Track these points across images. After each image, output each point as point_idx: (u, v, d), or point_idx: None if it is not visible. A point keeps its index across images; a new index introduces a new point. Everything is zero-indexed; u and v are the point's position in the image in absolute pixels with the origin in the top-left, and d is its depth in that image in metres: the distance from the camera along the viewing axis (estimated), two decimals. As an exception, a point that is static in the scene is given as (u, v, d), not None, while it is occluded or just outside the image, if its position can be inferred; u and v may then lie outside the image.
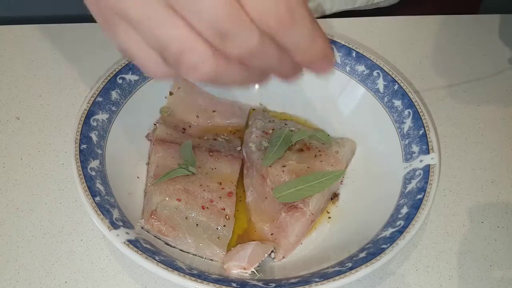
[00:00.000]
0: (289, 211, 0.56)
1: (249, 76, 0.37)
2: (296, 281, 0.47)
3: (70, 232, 0.56)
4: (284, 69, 0.37)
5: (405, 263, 0.55)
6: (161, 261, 0.46)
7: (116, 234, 0.48)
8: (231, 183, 0.58)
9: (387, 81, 0.62)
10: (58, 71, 0.72)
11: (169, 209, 0.54)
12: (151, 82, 0.63)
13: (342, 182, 0.61)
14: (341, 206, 0.60)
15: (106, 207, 0.50)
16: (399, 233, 0.49)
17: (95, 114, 0.57)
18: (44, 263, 0.54)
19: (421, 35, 0.80)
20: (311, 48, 0.35)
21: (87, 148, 0.54)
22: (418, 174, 0.54)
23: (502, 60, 0.77)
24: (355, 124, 0.64)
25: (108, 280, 0.53)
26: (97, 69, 0.72)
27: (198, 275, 0.46)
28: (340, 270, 0.47)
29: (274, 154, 0.59)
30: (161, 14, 0.33)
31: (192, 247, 0.53)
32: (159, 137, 0.61)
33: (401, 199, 0.53)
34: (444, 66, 0.76)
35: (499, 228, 0.58)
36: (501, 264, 0.55)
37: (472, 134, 0.67)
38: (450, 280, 0.54)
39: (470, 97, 0.72)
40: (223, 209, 0.56)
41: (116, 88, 0.60)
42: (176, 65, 0.34)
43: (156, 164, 0.58)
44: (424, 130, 0.57)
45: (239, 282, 0.47)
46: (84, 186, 0.51)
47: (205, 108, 0.66)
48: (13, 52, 0.74)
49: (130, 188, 0.57)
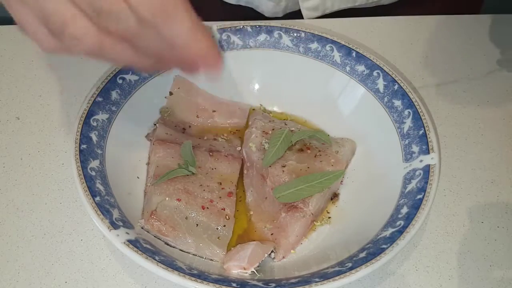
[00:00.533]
0: (289, 211, 0.56)
1: (136, 56, 0.40)
2: (296, 281, 0.47)
3: (70, 232, 0.56)
4: (175, 60, 0.42)
5: (405, 263, 0.55)
6: (161, 261, 0.46)
7: (116, 234, 0.48)
8: (231, 183, 0.59)
9: (387, 81, 0.62)
10: (58, 71, 0.72)
11: (169, 209, 0.54)
12: (151, 82, 0.63)
13: (342, 182, 0.61)
14: (341, 206, 0.60)
15: (106, 207, 0.50)
16: (399, 233, 0.49)
17: (95, 114, 0.57)
18: (44, 263, 0.54)
19: (421, 35, 0.80)
20: (193, 44, 0.39)
21: (87, 148, 0.54)
22: (418, 174, 0.54)
23: (503, 60, 0.77)
24: (355, 124, 0.64)
25: (108, 280, 0.53)
26: (97, 69, 0.72)
27: (198, 275, 0.46)
28: (340, 270, 0.47)
29: (274, 154, 0.59)
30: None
31: (192, 247, 0.53)
32: (159, 137, 0.61)
33: (401, 199, 0.53)
34: (444, 66, 0.76)
35: (499, 228, 0.58)
36: (501, 264, 0.55)
37: (472, 134, 0.67)
38: (450, 280, 0.54)
39: (470, 97, 0.72)
40: (223, 209, 0.56)
41: (116, 88, 0.60)
42: (61, 36, 0.38)
43: (156, 164, 0.58)
44: (424, 130, 0.57)
45: (239, 282, 0.47)
46: (84, 186, 0.51)
47: (205, 108, 0.66)
48: (13, 52, 0.74)
49: (130, 188, 0.57)
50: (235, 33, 0.66)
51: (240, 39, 0.67)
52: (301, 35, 0.66)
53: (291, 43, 0.66)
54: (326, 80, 0.66)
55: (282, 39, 0.66)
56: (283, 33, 0.66)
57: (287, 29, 0.66)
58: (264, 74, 0.68)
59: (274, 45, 0.67)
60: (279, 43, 0.66)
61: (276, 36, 0.66)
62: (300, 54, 0.66)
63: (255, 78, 0.69)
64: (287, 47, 0.66)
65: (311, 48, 0.66)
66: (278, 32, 0.66)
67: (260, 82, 0.69)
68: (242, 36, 0.67)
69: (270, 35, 0.66)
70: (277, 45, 0.67)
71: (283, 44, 0.66)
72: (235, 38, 0.66)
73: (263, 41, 0.67)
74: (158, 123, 0.63)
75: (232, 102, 0.68)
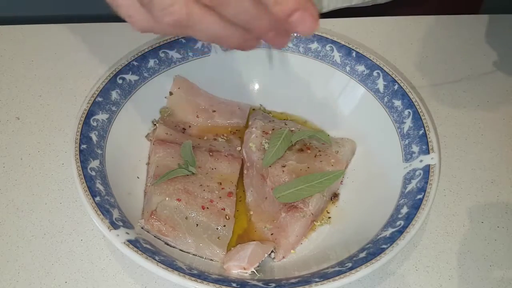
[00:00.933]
0: (289, 211, 0.56)
1: (225, 28, 0.39)
2: (296, 281, 0.47)
3: (70, 232, 0.56)
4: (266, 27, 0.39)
5: (405, 263, 0.55)
6: (161, 261, 0.46)
7: (116, 234, 0.48)
8: (231, 183, 0.59)
9: (387, 81, 0.62)
10: (58, 71, 0.72)
11: (169, 209, 0.54)
12: (151, 82, 0.63)
13: (342, 182, 0.61)
14: (341, 206, 0.60)
15: (106, 207, 0.50)
16: (399, 233, 0.49)
17: (95, 114, 0.57)
18: (44, 263, 0.54)
19: (421, 35, 0.80)
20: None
21: (87, 148, 0.54)
22: (418, 174, 0.54)
23: (502, 60, 0.77)
24: (355, 124, 0.64)
25: (108, 280, 0.53)
26: (97, 69, 0.72)
27: (198, 275, 0.46)
28: (340, 270, 0.47)
29: (274, 154, 0.59)
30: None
31: (192, 247, 0.53)
32: (159, 137, 0.61)
33: (401, 199, 0.53)
34: (444, 66, 0.76)
35: (499, 228, 0.58)
36: (501, 264, 0.55)
37: (472, 134, 0.67)
38: (450, 280, 0.54)
39: (470, 97, 0.72)
40: (223, 209, 0.56)
41: (116, 88, 0.60)
42: (151, 6, 0.37)
43: (156, 164, 0.58)
44: (424, 130, 0.57)
45: (239, 282, 0.47)
46: (84, 186, 0.51)
47: (205, 108, 0.66)
48: (13, 52, 0.74)
49: (130, 188, 0.57)
50: (235, 33, 0.66)
51: (240, 39, 0.67)
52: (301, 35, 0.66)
53: (291, 43, 0.66)
54: (326, 80, 0.66)
55: (282, 39, 0.66)
56: (283, 33, 0.66)
57: (287, 29, 0.66)
58: (264, 74, 0.68)
59: (274, 45, 0.67)
60: (279, 43, 0.66)
61: (276, 36, 0.66)
62: (300, 54, 0.66)
63: (255, 78, 0.69)
64: (287, 47, 0.66)
65: (311, 48, 0.66)
66: (278, 32, 0.66)
67: (260, 82, 0.69)
68: (242, 36, 0.66)
69: (270, 35, 0.66)
70: (277, 45, 0.67)
71: (283, 44, 0.66)
72: (235, 38, 0.66)
73: (263, 41, 0.67)
74: (158, 123, 0.63)
75: (232, 102, 0.68)
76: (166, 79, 0.65)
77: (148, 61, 0.63)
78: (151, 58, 0.63)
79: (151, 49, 0.64)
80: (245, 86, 0.69)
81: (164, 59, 0.64)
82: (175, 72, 0.65)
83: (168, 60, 0.65)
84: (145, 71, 0.63)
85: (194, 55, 0.66)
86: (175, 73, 0.66)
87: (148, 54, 0.63)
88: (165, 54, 0.64)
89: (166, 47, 0.64)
